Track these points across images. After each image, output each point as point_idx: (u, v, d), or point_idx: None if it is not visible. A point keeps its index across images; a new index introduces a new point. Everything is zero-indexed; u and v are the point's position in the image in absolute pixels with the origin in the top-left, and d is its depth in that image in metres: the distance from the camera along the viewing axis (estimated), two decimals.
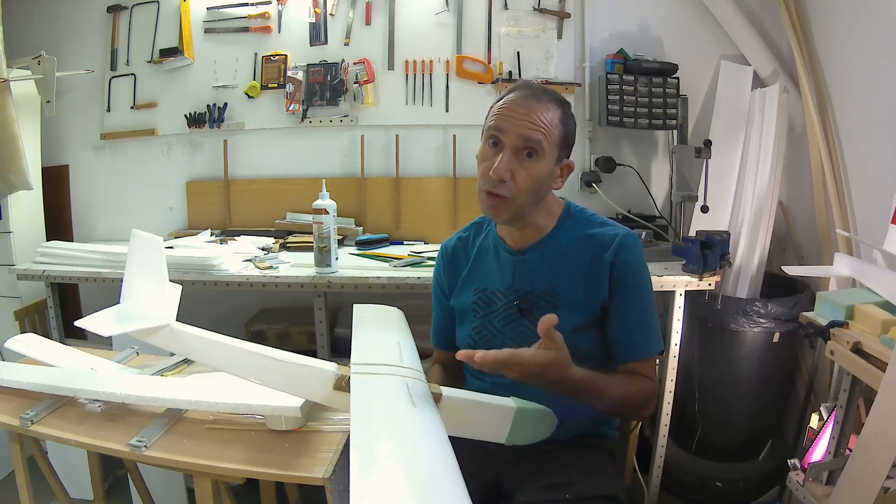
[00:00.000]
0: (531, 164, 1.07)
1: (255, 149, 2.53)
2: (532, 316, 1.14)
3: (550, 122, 1.07)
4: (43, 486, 1.39)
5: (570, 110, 1.13)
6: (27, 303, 2.24)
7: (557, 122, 1.09)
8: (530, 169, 1.07)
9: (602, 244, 1.12)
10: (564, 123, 1.10)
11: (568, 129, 1.12)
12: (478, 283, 1.22)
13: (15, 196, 2.20)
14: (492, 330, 1.19)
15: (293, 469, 0.99)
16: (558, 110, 1.09)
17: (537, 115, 1.06)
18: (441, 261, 1.31)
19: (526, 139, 1.06)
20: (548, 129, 1.07)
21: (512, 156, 1.06)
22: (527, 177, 1.07)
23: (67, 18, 2.55)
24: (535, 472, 1.11)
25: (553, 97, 1.11)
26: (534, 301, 1.14)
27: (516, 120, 1.06)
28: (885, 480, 1.08)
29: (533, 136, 1.05)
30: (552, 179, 1.12)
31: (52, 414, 1.16)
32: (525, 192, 1.07)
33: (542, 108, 1.07)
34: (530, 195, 1.09)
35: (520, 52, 2.35)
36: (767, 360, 1.96)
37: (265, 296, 2.44)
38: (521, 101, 1.07)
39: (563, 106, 1.11)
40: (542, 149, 1.06)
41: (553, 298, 1.13)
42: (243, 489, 1.37)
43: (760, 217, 2.05)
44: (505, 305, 1.17)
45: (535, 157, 1.07)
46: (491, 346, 1.16)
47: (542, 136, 1.06)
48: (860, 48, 1.87)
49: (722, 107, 2.24)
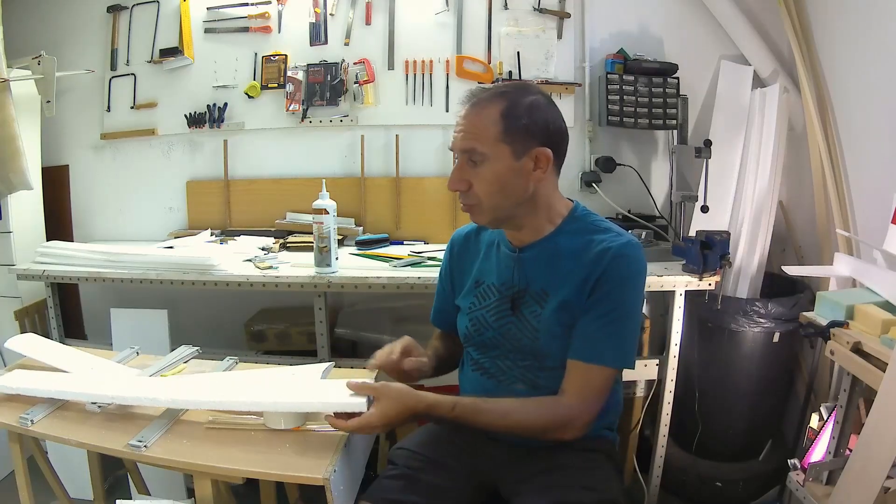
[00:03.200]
0: (479, 171, 1.08)
1: (255, 149, 2.53)
2: (520, 312, 1.15)
3: (483, 123, 1.07)
4: (43, 486, 1.39)
5: (523, 99, 1.08)
6: (27, 303, 2.24)
7: (497, 118, 1.06)
8: (480, 175, 1.08)
9: (599, 252, 1.09)
10: (507, 116, 1.06)
11: (514, 120, 1.07)
12: (478, 276, 1.23)
13: (15, 196, 2.20)
14: (484, 324, 1.20)
15: (293, 469, 0.99)
16: (498, 106, 1.07)
17: (470, 122, 1.08)
18: (448, 250, 1.33)
19: (462, 150, 1.09)
20: (480, 131, 1.07)
21: (464, 166, 1.10)
22: (480, 182, 1.09)
23: (67, 18, 2.55)
24: (533, 476, 1.11)
25: (494, 94, 1.09)
26: (524, 299, 1.15)
27: (457, 133, 1.10)
28: (885, 480, 1.08)
29: (467, 146, 1.08)
30: (522, 175, 1.09)
31: (52, 414, 1.16)
32: (487, 195, 1.09)
33: (476, 112, 1.08)
34: (496, 197, 1.10)
35: (520, 52, 2.35)
36: (767, 360, 1.96)
37: (265, 296, 2.44)
38: (463, 114, 1.10)
39: (506, 99, 1.08)
40: (482, 153, 1.07)
41: (541, 299, 1.13)
42: (243, 489, 1.37)
43: (760, 217, 2.05)
44: (497, 301, 1.18)
45: (481, 163, 1.08)
46: (483, 338, 1.20)
47: (475, 141, 1.07)
48: (860, 48, 1.87)
49: (722, 107, 2.24)
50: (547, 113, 1.10)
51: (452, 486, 1.13)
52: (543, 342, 1.12)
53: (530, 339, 1.14)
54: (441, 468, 1.15)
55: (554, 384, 1.12)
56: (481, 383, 1.20)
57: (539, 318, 1.13)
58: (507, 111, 1.07)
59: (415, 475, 1.13)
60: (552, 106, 1.13)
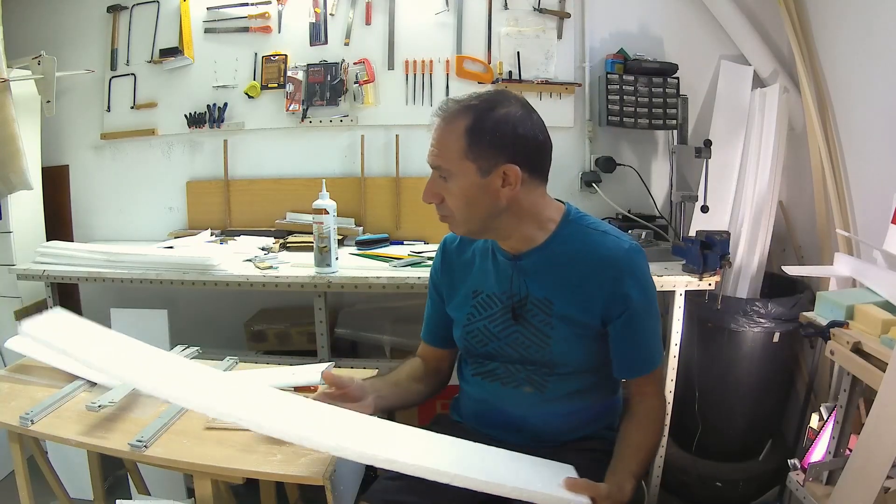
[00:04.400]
0: (448, 186, 1.07)
1: (255, 149, 2.53)
2: (524, 321, 1.13)
3: (448, 139, 1.04)
4: (43, 486, 1.39)
5: (490, 113, 1.03)
6: (27, 303, 2.23)
7: (460, 134, 1.03)
8: (449, 189, 1.07)
9: (603, 258, 1.09)
10: (472, 132, 1.03)
11: (479, 137, 1.03)
12: (474, 285, 1.20)
13: (15, 196, 2.20)
14: (487, 334, 1.17)
15: (293, 469, 0.99)
16: (463, 122, 1.03)
17: (437, 138, 1.06)
18: (440, 256, 1.28)
19: (432, 166, 1.08)
20: (444, 148, 1.05)
21: (436, 179, 1.08)
22: (450, 196, 1.08)
23: (67, 18, 2.55)
24: None
25: (461, 108, 1.05)
26: (528, 307, 1.13)
27: (430, 147, 1.08)
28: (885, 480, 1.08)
29: (433, 163, 1.07)
30: (489, 192, 1.05)
31: (52, 414, 1.16)
32: (458, 209, 1.08)
33: (443, 127, 1.06)
34: (466, 211, 1.08)
35: (520, 52, 2.35)
36: (767, 360, 1.96)
37: (265, 296, 2.44)
38: (434, 127, 1.08)
39: (472, 114, 1.04)
40: (447, 169, 1.06)
41: (546, 307, 1.12)
42: (243, 489, 1.37)
43: (760, 217, 2.05)
44: (501, 310, 1.16)
45: (448, 178, 1.06)
46: (487, 349, 1.17)
47: (440, 158, 1.06)
48: (860, 48, 1.87)
49: (722, 107, 2.24)
50: (518, 126, 1.04)
51: (453, 487, 1.13)
52: (556, 351, 1.11)
53: (539, 348, 1.12)
54: None
55: (561, 389, 1.12)
56: (484, 387, 1.20)
57: (550, 327, 1.11)
58: (472, 127, 1.03)
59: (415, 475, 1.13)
60: (528, 117, 1.07)
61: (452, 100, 1.09)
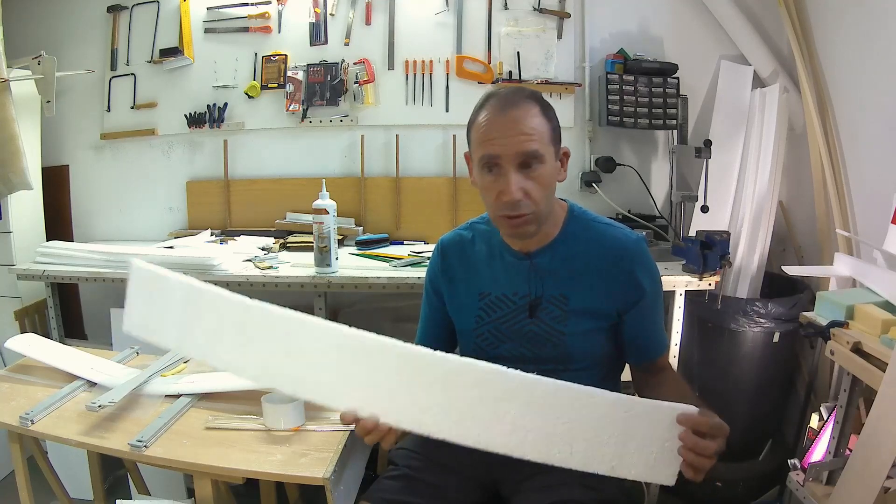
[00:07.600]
0: (537, 174, 1.02)
1: (255, 149, 2.53)
2: (538, 319, 1.12)
3: (536, 124, 1.01)
4: (43, 486, 1.39)
5: (545, 99, 1.06)
6: (27, 303, 2.24)
7: (543, 119, 1.03)
8: (538, 179, 1.02)
9: (616, 251, 1.10)
10: (549, 117, 1.04)
11: (553, 121, 1.05)
12: (480, 287, 1.17)
13: (15, 196, 2.20)
14: (499, 336, 1.15)
15: (293, 469, 0.99)
16: (537, 106, 1.03)
17: (524, 124, 1.00)
18: (438, 257, 1.24)
19: (524, 154, 0.99)
20: (538, 132, 1.01)
21: (516, 173, 1.00)
22: (537, 187, 1.02)
23: (67, 18, 2.55)
24: (533, 475, 1.10)
25: (527, 96, 1.04)
26: (542, 305, 1.12)
27: (507, 139, 0.99)
28: (885, 480, 1.08)
29: (529, 149, 0.99)
30: (557, 177, 1.08)
31: (52, 414, 1.16)
32: (541, 201, 1.03)
33: (524, 113, 1.00)
34: (546, 202, 1.05)
35: (520, 52, 2.35)
36: (767, 360, 1.96)
37: (265, 296, 2.40)
38: (501, 117, 1.01)
39: (539, 100, 1.05)
40: (541, 155, 1.01)
41: (562, 303, 1.11)
42: (243, 489, 1.37)
43: (760, 217, 2.05)
44: (514, 311, 1.14)
45: (538, 165, 1.01)
46: (498, 352, 1.14)
47: (537, 144, 1.01)
48: (860, 48, 1.87)
49: (722, 107, 2.24)
50: None
51: (452, 487, 1.13)
52: (571, 345, 1.11)
53: (554, 346, 1.12)
54: (441, 468, 1.15)
55: (577, 382, 1.12)
56: None
57: (564, 323, 1.10)
58: (545, 111, 1.04)
59: (415, 475, 1.13)
60: None
61: (510, 90, 1.06)
